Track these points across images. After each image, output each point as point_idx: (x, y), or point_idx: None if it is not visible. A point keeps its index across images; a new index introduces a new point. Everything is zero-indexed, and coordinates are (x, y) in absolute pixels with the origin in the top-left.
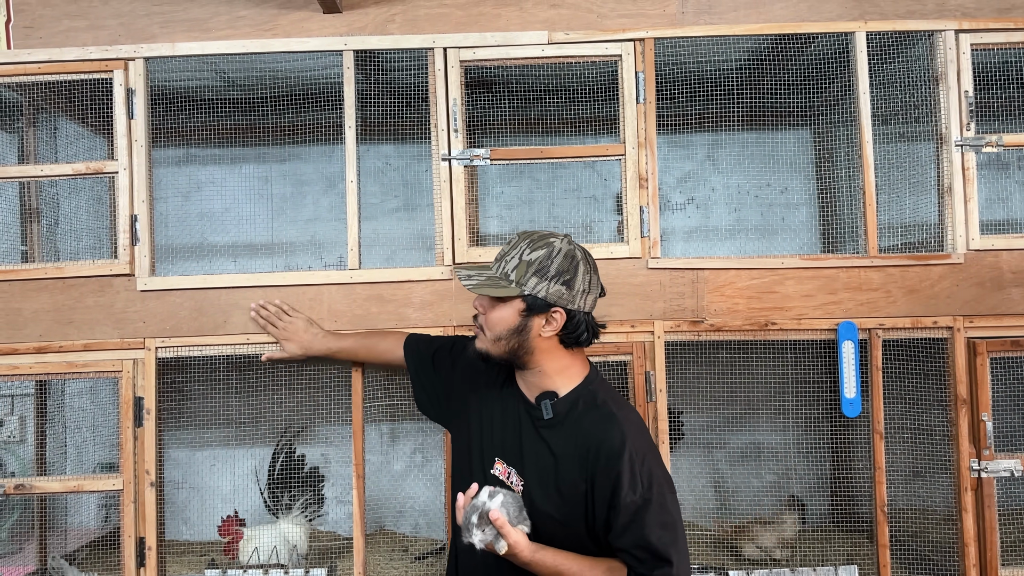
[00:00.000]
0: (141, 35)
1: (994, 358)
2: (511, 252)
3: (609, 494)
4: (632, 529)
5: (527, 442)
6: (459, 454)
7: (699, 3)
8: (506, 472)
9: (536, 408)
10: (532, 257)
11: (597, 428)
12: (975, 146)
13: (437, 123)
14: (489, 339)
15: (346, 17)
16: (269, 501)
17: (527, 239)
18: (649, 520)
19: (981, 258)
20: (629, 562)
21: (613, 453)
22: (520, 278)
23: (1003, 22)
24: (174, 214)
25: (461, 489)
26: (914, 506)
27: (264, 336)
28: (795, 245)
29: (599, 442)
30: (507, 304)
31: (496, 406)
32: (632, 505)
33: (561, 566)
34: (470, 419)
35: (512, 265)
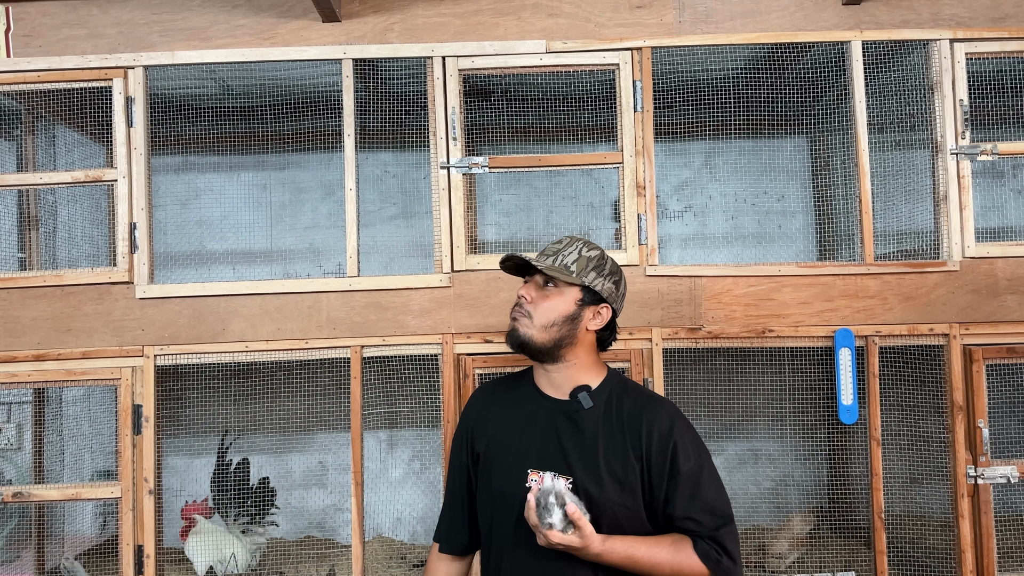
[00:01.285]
0: (140, 44)
1: (990, 365)
2: (567, 249)
3: (668, 467)
4: (695, 496)
5: (567, 438)
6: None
7: (696, 12)
8: (543, 479)
9: (570, 402)
10: (591, 254)
11: (641, 410)
12: (970, 154)
13: (436, 131)
14: (537, 325)
15: (345, 26)
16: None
17: (580, 240)
18: (705, 484)
19: (976, 265)
20: (693, 528)
21: (664, 429)
22: (581, 271)
23: (997, 31)
24: (173, 222)
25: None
26: (911, 512)
27: (262, 344)
28: (792, 252)
29: (649, 422)
30: (565, 293)
31: (516, 426)
32: (691, 473)
33: (630, 549)
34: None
35: (572, 259)
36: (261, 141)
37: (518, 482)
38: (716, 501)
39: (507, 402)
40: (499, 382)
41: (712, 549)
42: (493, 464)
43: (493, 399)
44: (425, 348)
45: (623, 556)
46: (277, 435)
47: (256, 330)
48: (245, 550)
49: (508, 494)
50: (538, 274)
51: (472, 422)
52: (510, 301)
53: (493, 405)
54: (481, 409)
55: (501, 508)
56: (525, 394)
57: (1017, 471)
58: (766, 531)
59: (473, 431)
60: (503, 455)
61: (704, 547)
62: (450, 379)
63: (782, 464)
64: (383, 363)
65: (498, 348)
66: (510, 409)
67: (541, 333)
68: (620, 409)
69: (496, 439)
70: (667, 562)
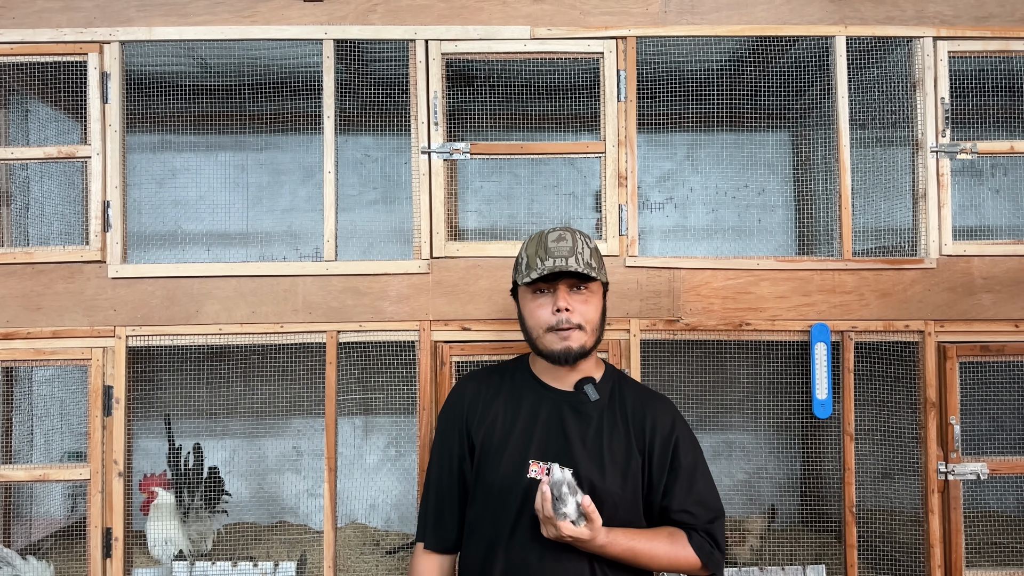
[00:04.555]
0: (117, 18)
1: (963, 362)
2: (578, 245)
3: (669, 460)
4: (691, 488)
5: (572, 429)
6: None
7: (682, 3)
8: (543, 469)
9: (575, 394)
10: (593, 246)
11: (645, 404)
12: (950, 152)
13: (417, 116)
14: (589, 331)
15: (327, 6)
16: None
17: (577, 233)
18: (699, 479)
19: (953, 263)
20: (687, 520)
21: (668, 425)
22: (598, 265)
23: (980, 30)
24: (148, 201)
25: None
26: (882, 507)
27: (236, 327)
28: (771, 246)
29: (653, 417)
30: (595, 292)
31: (518, 417)
32: (688, 467)
33: (633, 542)
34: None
35: (588, 255)
36: (240, 121)
37: (519, 473)
38: (710, 495)
39: (504, 392)
40: (489, 372)
41: (706, 542)
42: (492, 455)
43: (487, 389)
44: (402, 335)
45: (625, 548)
46: (251, 419)
47: (230, 313)
48: (181, 536)
49: (508, 485)
50: (565, 280)
51: (466, 412)
52: (490, 289)
53: (488, 395)
54: (475, 399)
55: (499, 499)
56: (524, 385)
57: (987, 468)
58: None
59: (468, 421)
60: (503, 446)
61: (699, 539)
62: (427, 366)
63: (756, 457)
64: (359, 349)
65: (476, 336)
66: (509, 400)
67: (592, 337)
68: (623, 402)
69: (495, 429)
70: (664, 554)
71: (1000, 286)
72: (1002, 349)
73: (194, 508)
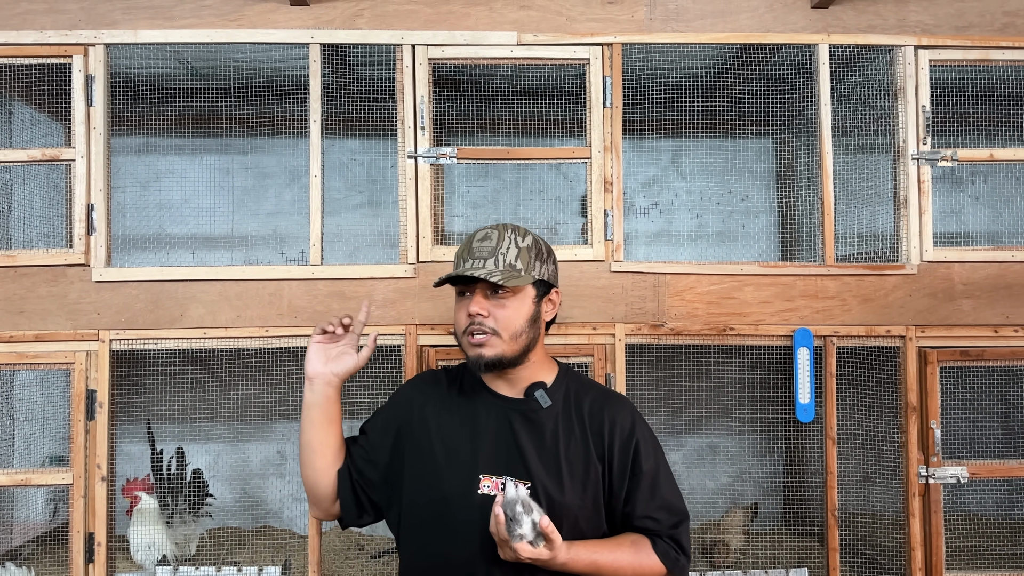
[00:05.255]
0: (102, 21)
1: (944, 367)
2: (503, 244)
3: (630, 466)
4: (654, 494)
5: (524, 439)
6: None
7: (667, 10)
8: (497, 484)
9: (526, 402)
10: (527, 243)
11: (602, 408)
12: (931, 160)
13: (404, 120)
14: (507, 338)
15: (314, 10)
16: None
17: (509, 230)
18: (662, 482)
19: (934, 269)
20: (650, 527)
21: (627, 427)
22: (527, 265)
23: (960, 39)
24: (132, 204)
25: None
26: (864, 511)
27: (221, 330)
28: (755, 252)
29: (611, 420)
30: (521, 295)
31: (464, 426)
32: (650, 472)
33: (594, 554)
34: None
35: (513, 255)
36: (225, 124)
37: (469, 487)
38: (673, 499)
39: (451, 399)
40: (436, 375)
41: (671, 548)
42: (436, 463)
43: (434, 391)
44: (388, 339)
45: (587, 563)
46: (235, 423)
47: (215, 316)
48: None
49: (457, 500)
50: (480, 283)
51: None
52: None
53: (434, 398)
54: (419, 396)
55: (448, 514)
56: (472, 391)
57: (967, 472)
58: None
59: (405, 418)
60: (450, 457)
61: (664, 546)
62: (413, 370)
63: (739, 460)
64: None
65: None
66: (455, 407)
67: (512, 345)
68: (580, 406)
69: (440, 437)
70: (628, 565)
71: (980, 292)
72: (982, 354)
73: (178, 512)
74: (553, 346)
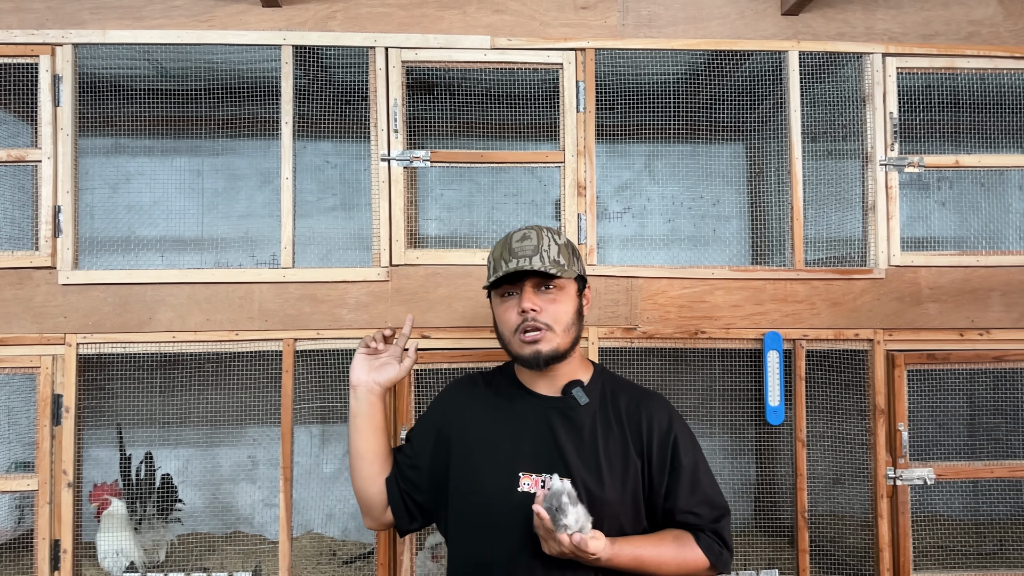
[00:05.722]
0: (70, 20)
1: (911, 370)
2: (543, 242)
3: (669, 461)
4: (695, 488)
5: (564, 437)
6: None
7: (639, 16)
8: (537, 482)
9: (564, 399)
10: (563, 241)
11: (639, 405)
12: (898, 166)
13: (377, 123)
14: (560, 331)
15: (286, 12)
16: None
17: (545, 230)
18: (702, 477)
19: (901, 274)
20: (692, 521)
21: (665, 423)
22: (568, 260)
23: (927, 47)
24: (101, 206)
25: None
26: (834, 512)
27: (190, 334)
28: (726, 256)
29: (649, 416)
30: (566, 290)
31: (503, 424)
32: (690, 466)
33: (638, 550)
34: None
35: (555, 251)
36: (196, 126)
37: (509, 485)
38: (714, 493)
39: (489, 400)
40: (472, 378)
41: (714, 542)
42: (476, 462)
43: (469, 393)
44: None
45: (631, 558)
46: (205, 428)
47: (184, 320)
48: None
49: (497, 498)
50: (530, 279)
51: (446, 415)
52: (449, 297)
53: (471, 399)
54: (459, 401)
55: (489, 512)
56: (509, 391)
57: (934, 473)
58: None
59: (446, 423)
60: (490, 455)
61: (707, 540)
62: None
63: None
64: (317, 356)
65: (436, 344)
66: (494, 408)
67: (565, 338)
68: (616, 404)
69: (481, 437)
70: (672, 559)
71: (946, 296)
72: (948, 357)
73: (147, 517)
74: None
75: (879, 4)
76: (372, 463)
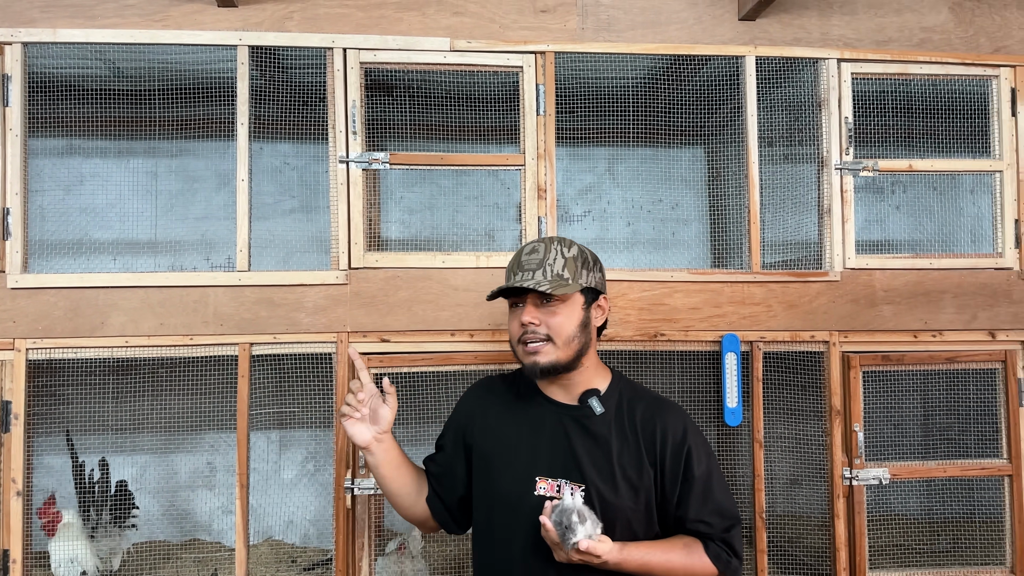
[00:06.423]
0: (19, 19)
1: (866, 371)
2: (549, 256)
3: (682, 470)
4: (707, 498)
5: (579, 445)
6: (486, 503)
7: (599, 20)
8: (553, 487)
9: (580, 408)
10: (573, 253)
11: (654, 415)
12: (853, 170)
13: (335, 124)
14: (560, 344)
15: (242, 12)
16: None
17: (554, 241)
18: (716, 487)
19: (856, 276)
20: (703, 530)
21: (679, 435)
22: (574, 274)
23: (880, 53)
24: (53, 208)
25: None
26: (792, 512)
27: (143, 339)
28: (686, 259)
29: (663, 427)
30: (570, 302)
31: (521, 430)
32: (703, 476)
33: (646, 556)
34: (491, 464)
35: (560, 265)
36: (152, 127)
37: (527, 488)
38: (726, 503)
39: (508, 404)
40: (496, 380)
41: (723, 551)
42: (496, 464)
43: (492, 398)
44: (320, 347)
45: (639, 564)
46: (161, 434)
47: (137, 325)
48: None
49: (515, 501)
50: (531, 294)
51: (466, 420)
52: (410, 300)
53: (492, 405)
54: (478, 403)
55: (507, 514)
56: (528, 397)
57: (889, 473)
58: None
59: (467, 428)
60: (508, 458)
61: (716, 549)
62: (344, 379)
63: None
64: (275, 361)
65: (396, 348)
66: (512, 412)
67: (565, 351)
68: (632, 413)
69: (498, 441)
70: (680, 566)
71: (900, 298)
72: (902, 358)
73: (102, 524)
74: (488, 352)
75: (834, 10)
76: (408, 495)
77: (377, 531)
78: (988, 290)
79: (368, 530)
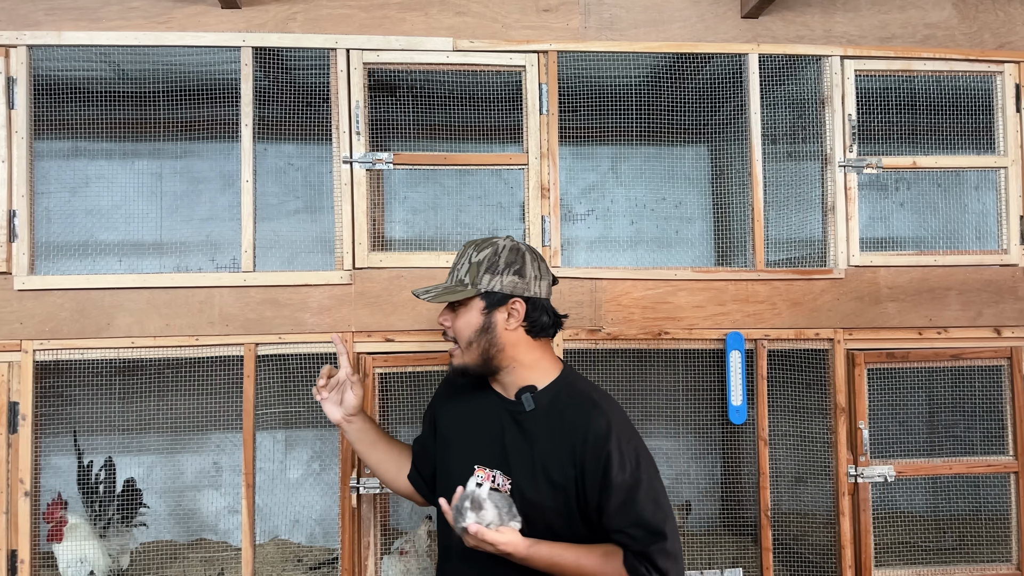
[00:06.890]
0: (24, 22)
1: (871, 369)
2: (460, 260)
3: (600, 476)
4: (626, 509)
5: (510, 439)
6: (443, 483)
7: (601, 19)
8: (489, 476)
9: (516, 403)
10: (480, 258)
11: (582, 415)
12: (857, 167)
13: (339, 125)
14: (463, 347)
15: (245, 13)
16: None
17: (472, 245)
18: (641, 498)
19: (860, 274)
20: (624, 542)
21: (600, 436)
22: (474, 279)
23: (884, 50)
24: (59, 210)
25: (443, 531)
26: (797, 510)
27: (149, 340)
28: (690, 257)
29: (585, 428)
30: (469, 307)
31: (471, 419)
32: (624, 485)
33: (556, 556)
34: (449, 447)
35: (464, 270)
36: (157, 128)
37: (465, 475)
38: (651, 517)
39: (471, 393)
40: None
41: (642, 565)
42: (450, 452)
43: (460, 385)
44: (324, 347)
45: (548, 562)
46: (167, 435)
47: (143, 325)
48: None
49: (457, 485)
50: None
51: (437, 403)
52: (413, 300)
53: (459, 392)
54: (448, 391)
55: (448, 501)
56: (484, 389)
57: (894, 470)
58: None
59: (437, 411)
60: (458, 446)
61: (633, 561)
62: None
63: (677, 462)
64: (280, 361)
65: (400, 347)
66: (470, 401)
67: (468, 353)
68: (563, 414)
69: (455, 427)
70: (591, 571)
71: (904, 295)
72: (907, 356)
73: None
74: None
75: (837, 7)
76: (387, 470)
77: (383, 530)
78: (993, 287)
79: (374, 529)
